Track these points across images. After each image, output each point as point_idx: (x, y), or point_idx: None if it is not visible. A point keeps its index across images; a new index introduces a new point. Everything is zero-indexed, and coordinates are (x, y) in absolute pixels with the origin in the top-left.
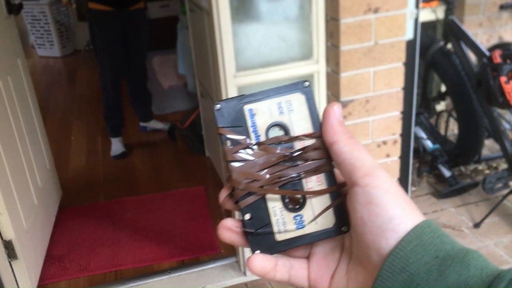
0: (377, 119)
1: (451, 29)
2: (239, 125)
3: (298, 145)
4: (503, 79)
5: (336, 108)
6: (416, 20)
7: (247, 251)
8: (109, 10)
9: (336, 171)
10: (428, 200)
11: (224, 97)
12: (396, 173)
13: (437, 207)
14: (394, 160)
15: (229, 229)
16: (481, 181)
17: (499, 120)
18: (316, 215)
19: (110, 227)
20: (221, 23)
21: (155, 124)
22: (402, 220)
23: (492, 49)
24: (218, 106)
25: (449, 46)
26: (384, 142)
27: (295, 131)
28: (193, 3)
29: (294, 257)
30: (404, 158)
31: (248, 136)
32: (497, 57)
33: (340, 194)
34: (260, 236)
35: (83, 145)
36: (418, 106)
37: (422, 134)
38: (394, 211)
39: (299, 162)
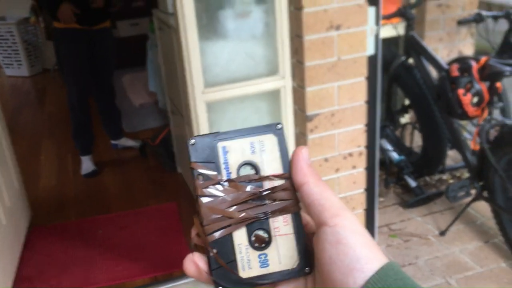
0: (342, 132)
1: (411, 45)
2: (212, 161)
3: (268, 184)
4: (461, 91)
5: (304, 151)
6: (376, 37)
7: None
8: (74, 27)
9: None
10: (396, 210)
11: (193, 113)
12: (363, 183)
13: (404, 216)
14: (360, 171)
15: (194, 263)
16: (444, 190)
17: (459, 131)
18: (280, 255)
19: (82, 246)
20: (189, 40)
21: (126, 142)
22: (369, 260)
23: (451, 63)
24: (192, 141)
25: (411, 60)
26: (350, 154)
27: (266, 171)
28: (162, 22)
29: None
30: (370, 169)
31: (219, 172)
32: (455, 71)
33: (305, 235)
34: (224, 272)
35: (53, 164)
36: (383, 119)
37: (388, 146)
38: (362, 251)
39: (267, 202)
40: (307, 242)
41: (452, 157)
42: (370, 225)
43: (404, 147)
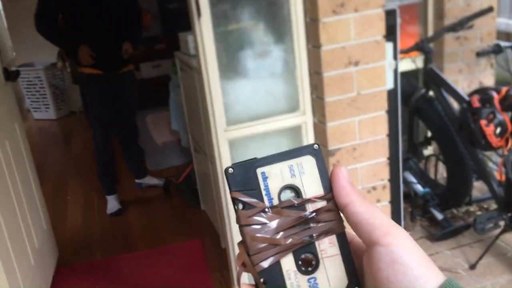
0: (364, 165)
1: (431, 77)
2: (252, 188)
3: (311, 207)
4: (483, 122)
5: (344, 170)
6: (395, 71)
7: None
8: (98, 73)
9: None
10: (423, 243)
11: (216, 150)
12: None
13: (432, 250)
14: (385, 204)
15: None
16: (472, 222)
17: (484, 162)
18: (329, 277)
19: (108, 285)
20: (211, 80)
21: (150, 180)
22: (428, 278)
23: (471, 94)
24: (231, 170)
25: (431, 93)
26: (374, 188)
27: (307, 193)
28: (184, 63)
29: None
30: (394, 202)
31: (261, 199)
32: (476, 102)
33: (351, 255)
34: None
35: (79, 204)
36: (406, 152)
37: (412, 179)
38: (419, 270)
39: (312, 224)
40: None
41: (479, 188)
42: None
43: (429, 179)
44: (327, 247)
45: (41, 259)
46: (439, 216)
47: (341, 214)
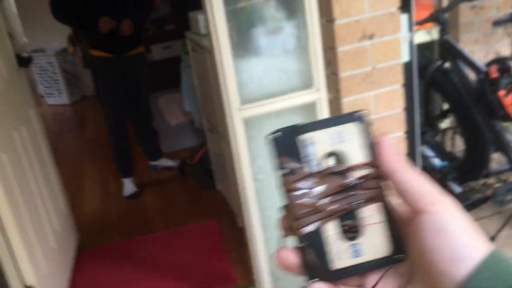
0: None
1: (447, 49)
2: (297, 154)
3: (355, 174)
4: (501, 92)
5: (390, 140)
6: (410, 43)
7: (266, 281)
8: (109, 56)
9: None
10: None
11: (230, 130)
12: None
13: None
14: None
15: (285, 259)
16: (491, 194)
17: (502, 133)
18: (372, 243)
19: (128, 266)
20: (223, 59)
21: (165, 162)
22: (474, 248)
23: (489, 64)
24: (274, 135)
25: (447, 65)
26: None
27: (352, 161)
28: (195, 43)
29: (347, 286)
30: None
31: (306, 164)
32: (494, 72)
33: (395, 222)
34: (318, 264)
35: (96, 187)
36: (422, 125)
37: (429, 153)
38: (466, 239)
39: (356, 192)
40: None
41: (497, 160)
42: None
43: (446, 152)
44: (371, 214)
45: (62, 242)
46: (457, 189)
47: (387, 182)
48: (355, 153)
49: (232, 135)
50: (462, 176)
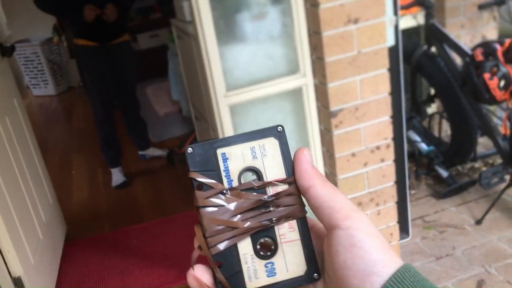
0: (368, 125)
1: (433, 33)
2: (212, 169)
3: (271, 190)
4: (486, 75)
5: (307, 153)
6: (396, 27)
7: None
8: (94, 45)
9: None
10: (429, 201)
11: (217, 117)
12: (393, 176)
13: (438, 207)
14: (389, 164)
15: (196, 279)
16: (477, 178)
17: (488, 117)
18: (287, 262)
19: (117, 256)
20: (208, 46)
21: (153, 152)
22: (386, 264)
23: (474, 48)
24: (190, 150)
25: (433, 49)
26: (378, 147)
27: (268, 176)
28: (180, 30)
29: None
30: (399, 161)
31: (220, 180)
32: (479, 55)
33: (311, 241)
34: (230, 284)
35: (84, 178)
36: (409, 110)
37: (416, 138)
38: (377, 255)
39: (271, 208)
40: (314, 246)
41: (483, 144)
42: (402, 217)
43: (433, 137)
44: (287, 232)
45: (49, 233)
46: (444, 173)
47: (303, 199)
48: (273, 169)
49: (218, 122)
50: (449, 160)
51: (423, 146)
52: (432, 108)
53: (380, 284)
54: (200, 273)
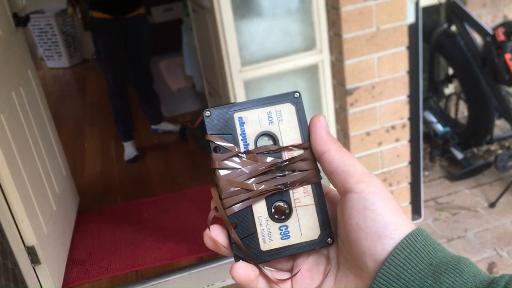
0: (384, 104)
1: (454, 11)
2: (229, 132)
3: (287, 155)
4: (507, 56)
5: (322, 119)
6: (416, 4)
7: None
8: (109, 18)
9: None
10: (442, 183)
11: (231, 92)
12: (407, 157)
13: (451, 189)
14: (404, 144)
15: (212, 239)
16: (493, 160)
17: (507, 99)
18: (301, 226)
19: (128, 228)
20: (224, 20)
21: (166, 126)
22: (397, 226)
23: (496, 28)
24: (207, 113)
25: (453, 28)
26: (393, 127)
27: (284, 141)
28: (196, 4)
29: (276, 269)
30: (414, 141)
31: (237, 144)
32: (501, 35)
33: (325, 206)
34: (245, 245)
35: (97, 151)
36: (426, 91)
37: (432, 118)
38: (390, 217)
39: (287, 172)
40: (328, 212)
41: (500, 126)
42: (415, 198)
43: (449, 118)
44: (302, 197)
45: (62, 204)
46: (459, 155)
47: (318, 165)
48: (289, 134)
49: (232, 98)
50: (464, 142)
51: (439, 127)
52: (449, 89)
53: (391, 245)
54: (215, 233)
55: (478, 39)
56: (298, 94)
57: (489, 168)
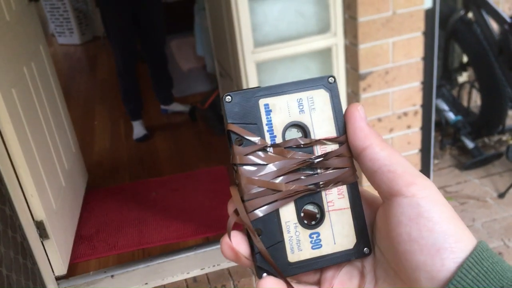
0: (397, 90)
1: None
2: (253, 122)
3: (320, 150)
4: None
5: (361, 109)
6: None
7: None
8: None
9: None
10: (452, 172)
11: (242, 74)
12: (418, 144)
13: (460, 179)
14: (415, 131)
15: (231, 249)
16: (504, 151)
17: None
18: (335, 233)
19: (136, 207)
20: (238, 0)
21: (176, 107)
22: (458, 238)
23: None
24: (228, 98)
25: (470, 15)
26: (405, 114)
27: (317, 134)
28: None
29: (301, 282)
30: (425, 129)
31: (262, 136)
32: None
33: (362, 210)
34: (270, 255)
35: (106, 129)
36: (439, 78)
37: (444, 106)
38: (449, 227)
39: (319, 171)
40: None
41: None
42: None
43: (462, 107)
44: (336, 199)
45: (71, 180)
46: (470, 144)
47: (355, 162)
48: (322, 126)
49: (243, 79)
50: (476, 132)
51: (451, 116)
52: (463, 77)
53: (453, 261)
54: (236, 242)
55: (495, 26)
56: (333, 79)
57: (500, 158)
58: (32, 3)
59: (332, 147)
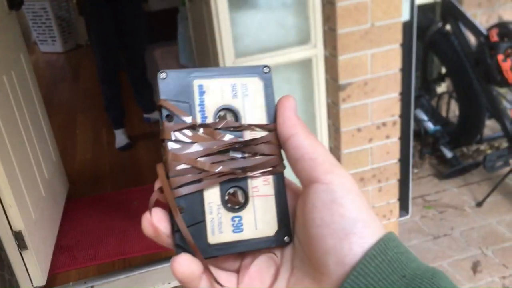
0: (376, 101)
1: (449, 10)
2: (185, 101)
3: (249, 135)
4: (500, 57)
5: (292, 100)
6: (412, 1)
7: None
8: (101, 2)
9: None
10: (431, 181)
11: None
12: (397, 154)
13: (439, 188)
14: (394, 141)
15: (152, 225)
16: (482, 160)
17: (498, 99)
18: (257, 219)
19: (117, 216)
20: (219, 10)
21: (158, 115)
22: (367, 224)
23: (490, 28)
24: (163, 74)
25: (448, 27)
26: (384, 124)
27: (247, 119)
28: None
29: (220, 268)
30: (404, 139)
31: (193, 115)
32: (494, 36)
33: (285, 198)
34: (190, 235)
35: (88, 138)
36: (418, 89)
37: (423, 116)
38: (359, 214)
39: (246, 155)
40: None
41: (490, 126)
42: (404, 196)
43: (440, 117)
44: (261, 185)
45: (51, 190)
46: (448, 154)
47: (282, 149)
48: (253, 112)
49: None
50: (454, 141)
51: (430, 125)
52: (441, 87)
53: (360, 247)
54: (157, 219)
55: (472, 38)
56: (268, 69)
57: (478, 167)
58: (13, 11)
59: (261, 134)
